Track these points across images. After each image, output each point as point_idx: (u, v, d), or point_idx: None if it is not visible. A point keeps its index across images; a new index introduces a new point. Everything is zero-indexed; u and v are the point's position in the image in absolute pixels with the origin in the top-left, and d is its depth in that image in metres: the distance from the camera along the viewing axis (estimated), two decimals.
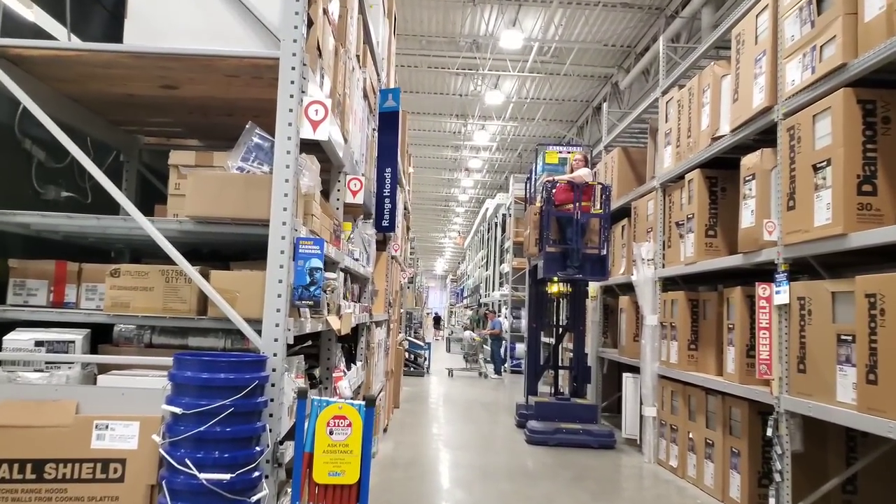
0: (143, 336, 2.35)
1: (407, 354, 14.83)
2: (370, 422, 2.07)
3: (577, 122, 16.86)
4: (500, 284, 19.32)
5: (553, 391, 8.98)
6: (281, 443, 2.07)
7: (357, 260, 4.19)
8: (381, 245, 7.40)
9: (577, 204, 7.89)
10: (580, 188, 7.92)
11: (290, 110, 2.17)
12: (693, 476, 5.98)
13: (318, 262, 2.19)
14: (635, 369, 7.72)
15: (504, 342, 16.88)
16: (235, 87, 2.52)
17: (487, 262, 22.52)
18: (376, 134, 5.06)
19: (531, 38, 11.91)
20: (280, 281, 2.13)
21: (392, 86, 7.22)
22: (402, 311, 11.78)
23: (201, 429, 1.78)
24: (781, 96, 4.59)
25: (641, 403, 7.21)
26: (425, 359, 15.60)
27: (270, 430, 2.06)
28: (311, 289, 2.19)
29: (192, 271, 2.15)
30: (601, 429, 7.73)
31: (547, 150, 10.86)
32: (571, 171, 8.46)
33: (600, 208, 8.14)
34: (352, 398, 3.29)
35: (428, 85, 14.73)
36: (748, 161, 5.05)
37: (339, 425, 2.03)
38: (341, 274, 3.46)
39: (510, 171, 19.19)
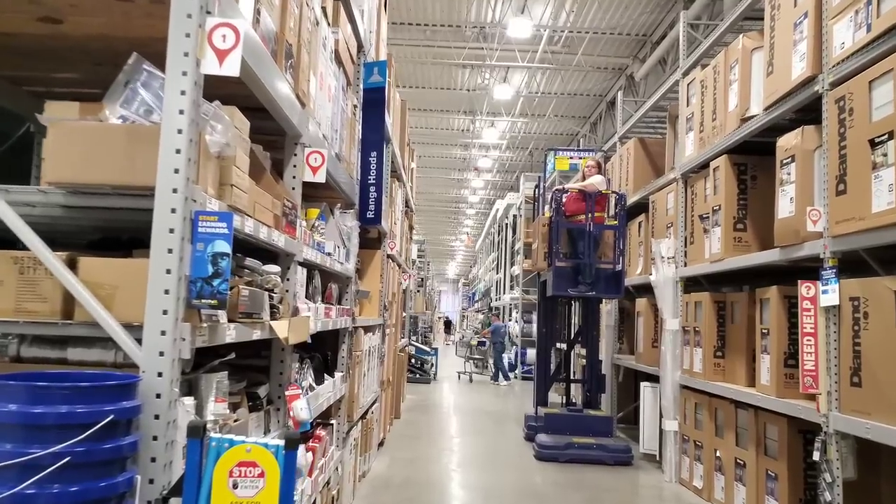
0: (8, 347, 1.77)
1: (413, 361, 14.21)
2: (291, 470, 1.45)
3: (589, 119, 16.20)
4: (511, 287, 18.66)
5: (564, 401, 8.32)
6: (166, 501, 1.47)
7: (330, 255, 3.57)
8: (376, 243, 6.80)
9: (590, 215, 7.26)
10: (593, 197, 7.29)
11: (187, 35, 1.57)
12: (721, 500, 5.30)
13: (224, 246, 1.59)
14: (654, 378, 7.05)
15: (505, 347, 16.23)
16: (136, 19, 1.93)
17: (498, 264, 21.86)
18: (359, 113, 4.45)
19: (541, 25, 11.28)
20: (168, 271, 1.53)
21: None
22: (404, 315, 11.17)
23: (20, 489, 1.18)
24: (827, 63, 3.94)
25: (661, 416, 6.54)
26: (432, 365, 14.97)
27: (151, 482, 1.46)
28: (215, 282, 1.58)
29: (49, 255, 1.56)
30: (617, 443, 7.06)
31: (557, 155, 10.06)
32: (583, 178, 7.81)
33: (615, 219, 7.51)
34: (308, 420, 2.68)
35: (434, 79, 14.13)
36: (786, 141, 4.39)
37: (246, 475, 1.43)
38: (299, 269, 2.85)
39: (521, 171, 18.55)
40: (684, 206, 6.38)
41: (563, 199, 7.50)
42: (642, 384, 7.24)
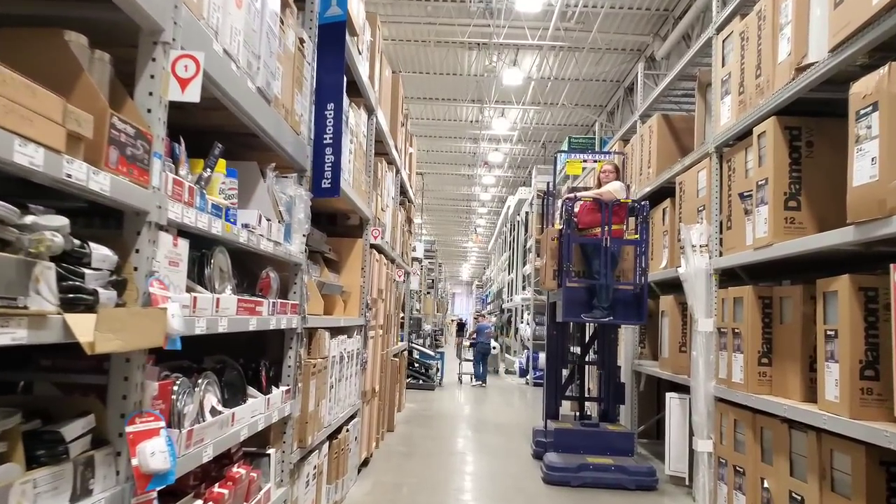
0: None
1: (415, 365, 13.24)
2: None
3: (606, 107, 15.17)
4: (522, 287, 17.65)
5: (578, 414, 7.30)
6: None
7: (249, 228, 2.62)
8: (357, 231, 5.86)
9: (607, 227, 6.27)
10: (610, 207, 6.30)
11: None
12: None
13: None
14: (682, 388, 6.04)
15: (490, 348, 15.53)
16: None
17: (510, 264, 20.86)
18: (311, 53, 3.49)
19: None
20: None
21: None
22: (402, 315, 10.20)
23: None
24: None
25: (692, 434, 5.52)
26: (437, 370, 13.99)
27: None
28: None
29: None
30: (638, 464, 6.04)
31: (567, 158, 8.88)
32: (599, 184, 6.81)
33: (636, 232, 6.51)
34: (166, 469, 1.72)
35: (438, 63, 13.18)
36: (864, 86, 3.37)
37: None
38: (164, 238, 1.90)
39: (534, 164, 17.53)
40: (719, 185, 5.36)
41: (576, 210, 6.50)
42: (668, 395, 6.22)
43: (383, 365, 7.26)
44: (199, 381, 2.37)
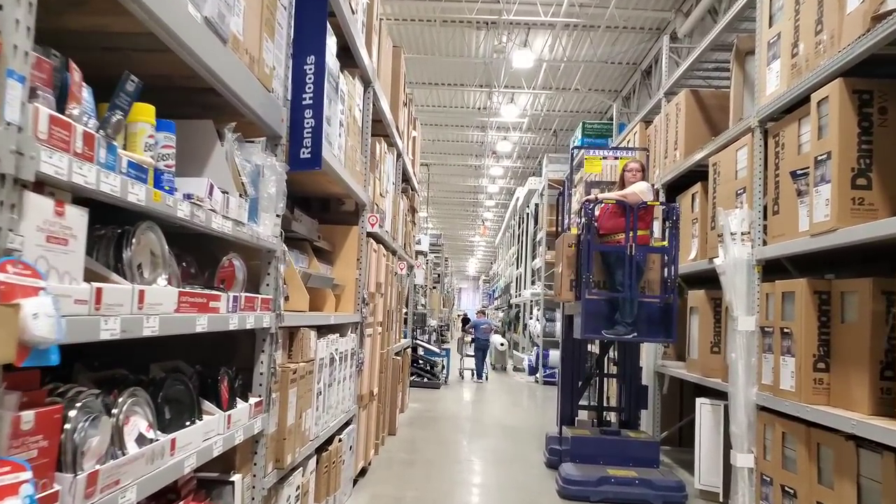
0: None
1: (420, 363, 12.64)
2: None
3: (621, 92, 14.45)
4: (532, 282, 17.01)
5: (596, 420, 6.67)
6: None
7: (194, 200, 2.00)
8: (352, 218, 5.24)
9: (632, 234, 5.63)
10: (635, 211, 5.65)
11: None
12: None
13: None
14: (714, 393, 5.42)
15: (488, 345, 15.22)
16: None
17: (519, 258, 20.21)
18: None
19: None
20: None
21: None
22: (405, 311, 9.59)
23: None
24: None
25: (727, 445, 4.89)
26: (443, 367, 13.38)
27: None
28: None
29: None
30: (665, 478, 5.41)
31: (588, 154, 8.02)
32: (622, 185, 6.15)
33: (665, 239, 5.86)
34: None
35: (444, 44, 12.51)
36: None
37: None
38: (30, 200, 1.27)
39: (544, 153, 16.85)
40: (763, 164, 4.71)
41: (596, 213, 5.84)
42: (699, 401, 5.58)
43: (384, 365, 6.65)
44: (119, 400, 1.75)
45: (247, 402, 2.71)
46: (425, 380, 12.53)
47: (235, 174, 2.43)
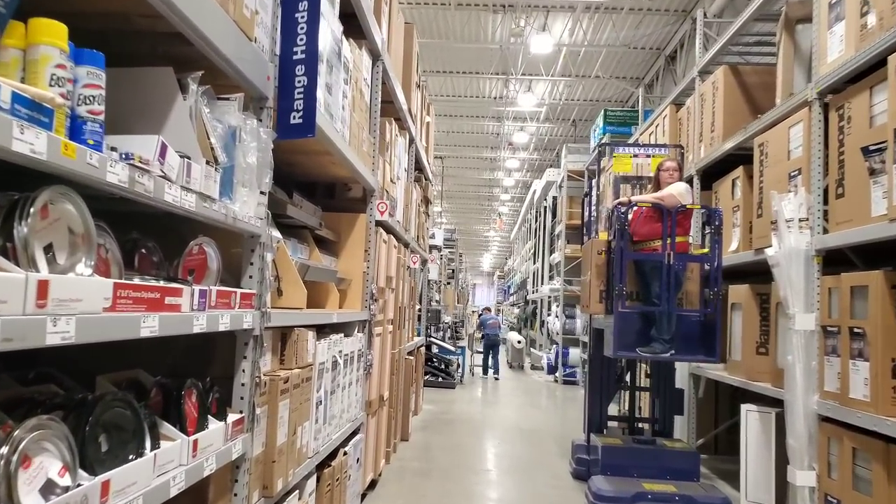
0: None
1: (434, 361, 12.14)
2: None
3: (644, 80, 13.84)
4: (550, 278, 16.45)
5: (628, 427, 6.13)
6: None
7: (129, 159, 1.48)
8: (359, 205, 4.75)
9: (670, 240, 5.08)
10: (673, 215, 5.10)
11: None
12: None
13: None
14: (761, 398, 4.88)
15: (498, 341, 15.12)
16: None
17: (535, 252, 19.64)
18: None
19: None
20: None
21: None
22: (418, 308, 9.09)
23: None
24: None
25: (784, 459, 4.33)
26: (458, 366, 12.87)
27: None
28: None
29: None
30: (709, 494, 4.87)
31: (616, 152, 7.15)
32: (657, 185, 5.58)
33: (707, 247, 5.30)
34: None
35: (459, 29, 11.96)
36: None
37: None
38: None
39: (563, 143, 16.26)
40: (823, 141, 4.15)
41: (629, 217, 5.28)
42: (744, 408, 5.03)
43: (395, 366, 6.15)
44: (15, 434, 1.25)
45: (224, 420, 2.21)
46: (440, 379, 12.03)
47: (203, 136, 1.92)
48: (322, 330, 3.78)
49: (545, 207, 17.78)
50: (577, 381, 13.08)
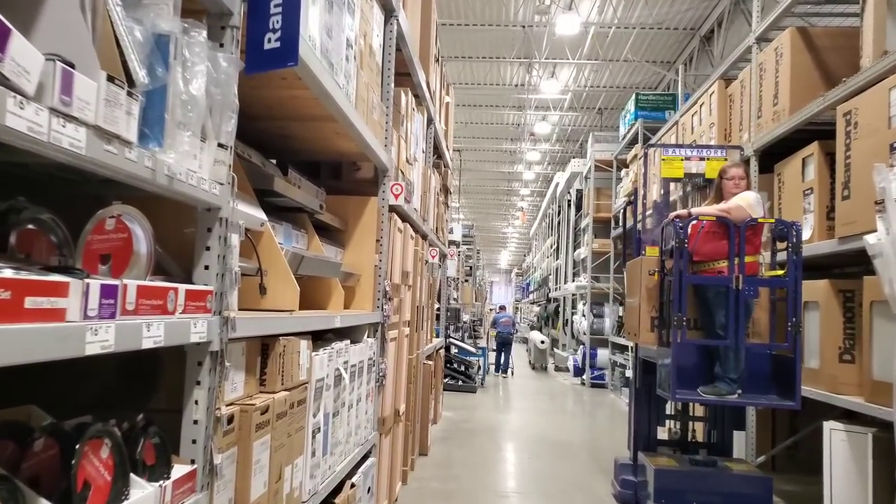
0: None
1: (453, 364, 11.41)
2: None
3: (675, 64, 13.01)
4: (575, 275, 15.66)
5: (678, 444, 5.35)
6: None
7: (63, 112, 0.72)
8: (369, 187, 4.03)
9: (738, 260, 4.30)
10: (741, 231, 4.32)
11: None
12: None
13: None
14: (846, 415, 4.08)
15: (510, 340, 15.02)
16: None
17: (558, 249, 18.84)
18: None
19: None
20: None
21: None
22: (438, 307, 8.37)
23: None
24: None
25: (887, 490, 3.55)
26: (479, 368, 12.12)
27: None
28: None
29: None
30: None
31: (665, 154, 6.03)
32: (719, 195, 4.77)
33: (779, 268, 4.50)
34: None
35: (479, 10, 11.19)
36: None
37: None
38: None
39: (589, 131, 15.44)
40: None
41: (688, 232, 4.48)
42: (828, 426, 4.23)
43: (413, 373, 5.42)
44: None
45: (165, 477, 1.49)
46: (460, 382, 11.29)
47: (108, 41, 1.19)
48: (322, 337, 3.06)
49: (568, 201, 16.98)
50: (606, 385, 12.29)
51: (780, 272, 4.46)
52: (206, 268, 1.67)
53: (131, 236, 1.42)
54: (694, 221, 4.51)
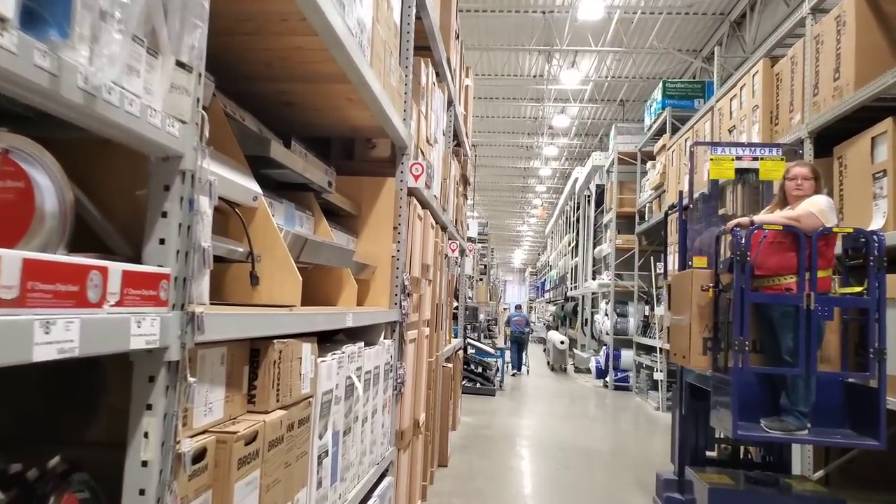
0: None
1: (470, 365, 10.90)
2: None
3: (702, 52, 12.44)
4: (596, 272, 15.10)
5: (728, 456, 4.81)
6: None
7: None
8: (386, 167, 3.55)
9: (809, 276, 3.76)
10: (813, 242, 3.78)
11: None
12: None
13: None
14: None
15: (524, 338, 15.13)
16: None
17: (577, 246, 18.28)
18: None
19: None
20: None
21: None
22: (455, 305, 7.87)
23: None
24: None
25: None
26: (497, 370, 11.60)
27: None
28: None
29: None
30: None
31: (714, 153, 5.10)
32: (784, 200, 4.18)
33: (859, 284, 3.92)
34: None
35: None
36: None
37: None
38: None
39: (611, 123, 14.88)
40: None
41: (750, 243, 3.90)
42: None
43: (432, 378, 4.92)
44: None
45: None
46: (478, 385, 10.77)
47: None
48: (330, 338, 2.57)
49: (587, 196, 16.42)
50: (631, 387, 11.74)
51: (858, 289, 3.88)
52: (162, 242, 1.17)
53: (31, 187, 0.92)
54: (755, 230, 3.93)
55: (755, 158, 5.07)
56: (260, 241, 1.96)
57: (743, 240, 3.86)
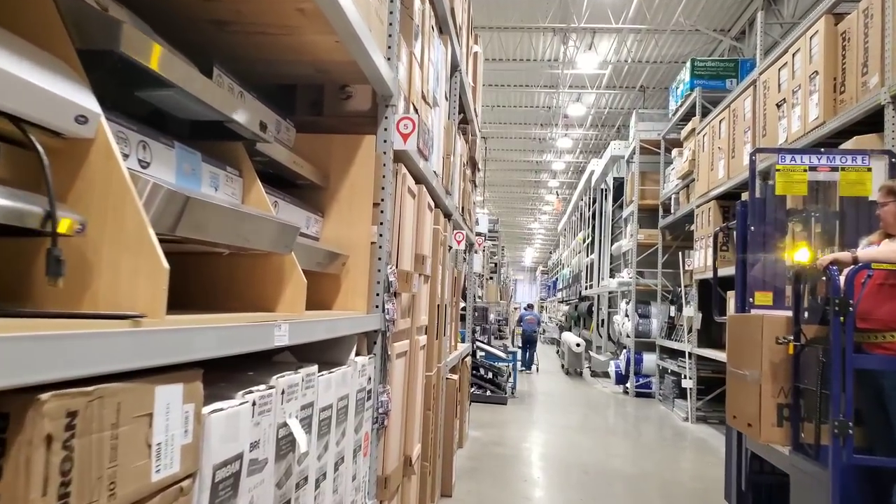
0: None
1: (480, 371, 9.99)
2: None
3: (730, 32, 11.46)
4: (612, 272, 14.16)
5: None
6: None
7: None
8: (367, 122, 2.65)
9: None
10: None
11: None
12: None
13: None
14: None
15: (535, 337, 15.45)
16: None
17: (592, 242, 17.32)
18: None
19: None
20: None
21: None
22: (463, 306, 6.97)
23: None
24: None
25: None
26: (509, 376, 10.68)
27: None
28: None
29: None
30: None
31: (781, 162, 4.20)
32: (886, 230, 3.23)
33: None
34: None
35: None
36: None
37: None
38: None
39: (632, 109, 13.90)
40: None
41: (852, 287, 2.98)
42: None
43: (431, 396, 4.01)
44: None
45: None
46: (487, 393, 9.85)
47: None
48: (266, 362, 1.67)
49: (604, 190, 15.47)
50: (654, 394, 10.80)
51: None
52: None
53: None
54: (859, 269, 2.97)
55: (835, 168, 4.10)
56: (84, 195, 1.07)
57: (843, 282, 2.90)
